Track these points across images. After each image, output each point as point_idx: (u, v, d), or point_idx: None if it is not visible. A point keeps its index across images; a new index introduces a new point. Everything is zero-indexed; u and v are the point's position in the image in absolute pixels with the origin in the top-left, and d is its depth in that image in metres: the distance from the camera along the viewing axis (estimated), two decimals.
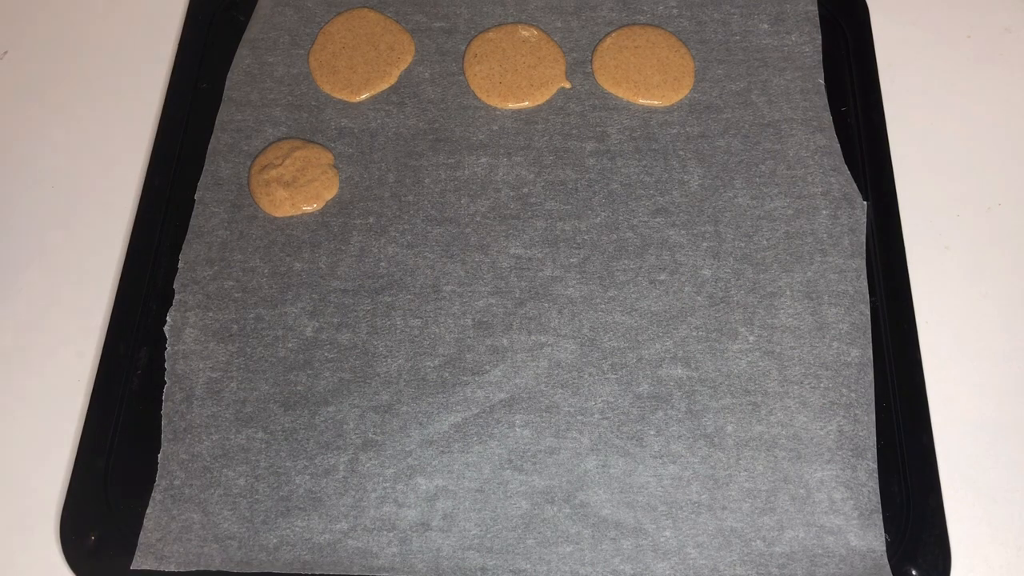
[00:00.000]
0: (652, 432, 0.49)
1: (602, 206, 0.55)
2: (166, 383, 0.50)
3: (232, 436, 0.49)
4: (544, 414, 0.49)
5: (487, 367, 0.51)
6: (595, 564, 0.46)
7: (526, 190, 0.56)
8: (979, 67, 0.63)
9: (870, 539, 0.46)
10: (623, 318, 0.52)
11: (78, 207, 0.57)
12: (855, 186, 0.55)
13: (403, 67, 0.60)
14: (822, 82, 0.59)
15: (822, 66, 0.59)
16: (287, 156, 0.56)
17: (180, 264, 0.53)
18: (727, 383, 0.50)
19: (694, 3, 0.62)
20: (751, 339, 0.51)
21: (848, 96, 0.59)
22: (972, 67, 0.63)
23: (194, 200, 0.55)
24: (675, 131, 0.58)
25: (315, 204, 0.55)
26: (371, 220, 0.55)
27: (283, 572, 0.46)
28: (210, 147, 0.57)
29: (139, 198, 0.56)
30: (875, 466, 0.48)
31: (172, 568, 0.46)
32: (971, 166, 0.59)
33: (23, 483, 0.50)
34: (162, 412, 0.50)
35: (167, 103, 0.59)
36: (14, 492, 0.50)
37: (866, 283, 0.52)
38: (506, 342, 0.51)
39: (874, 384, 0.50)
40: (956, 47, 0.63)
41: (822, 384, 0.50)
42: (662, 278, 0.53)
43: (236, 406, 0.50)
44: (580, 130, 0.58)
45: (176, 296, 0.52)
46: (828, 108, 0.58)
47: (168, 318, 0.52)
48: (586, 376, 0.50)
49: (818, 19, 0.61)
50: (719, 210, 0.55)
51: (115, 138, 0.60)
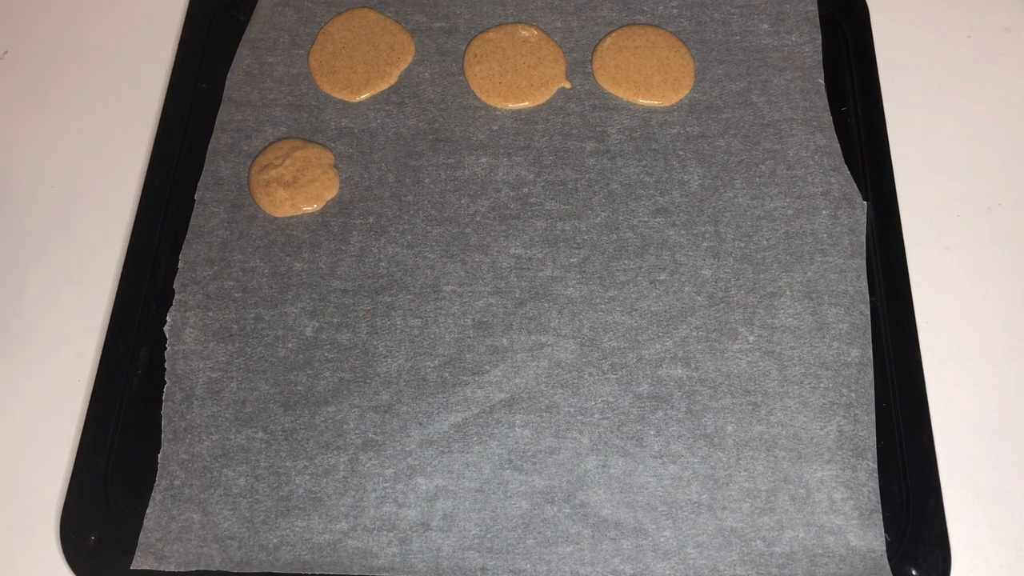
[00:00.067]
0: (652, 432, 0.49)
1: (602, 206, 0.55)
2: (166, 383, 0.50)
3: (232, 436, 0.49)
4: (544, 414, 0.49)
5: (487, 367, 0.51)
6: (595, 564, 0.46)
7: (526, 190, 0.56)
8: (979, 67, 0.63)
9: (870, 539, 0.46)
10: (623, 318, 0.52)
11: (78, 207, 0.57)
12: (855, 186, 0.55)
13: (403, 67, 0.60)
14: (822, 82, 0.59)
15: (822, 66, 0.59)
16: (287, 156, 0.56)
17: (180, 264, 0.53)
18: (727, 383, 0.50)
19: (694, 3, 0.62)
20: (751, 339, 0.51)
21: (848, 96, 0.59)
22: (972, 67, 0.63)
23: (194, 200, 0.55)
24: (675, 131, 0.58)
25: (315, 204, 0.55)
26: (371, 220, 0.55)
27: (283, 572, 0.46)
28: (210, 147, 0.57)
29: (139, 198, 0.56)
30: (875, 466, 0.48)
31: (172, 568, 0.46)
32: (971, 166, 0.59)
33: (23, 483, 0.50)
34: (162, 412, 0.50)
35: (167, 103, 0.59)
36: (14, 492, 0.50)
37: (866, 283, 0.52)
38: (506, 342, 0.51)
39: (874, 384, 0.50)
40: (956, 47, 0.63)
41: (822, 384, 0.50)
42: (662, 278, 0.53)
43: (236, 406, 0.50)
44: (580, 130, 0.58)
45: (176, 296, 0.52)
46: (828, 108, 0.58)
47: (168, 318, 0.52)
48: (586, 376, 0.50)
49: (818, 19, 0.61)
50: (719, 210, 0.55)
51: (115, 138, 0.60)
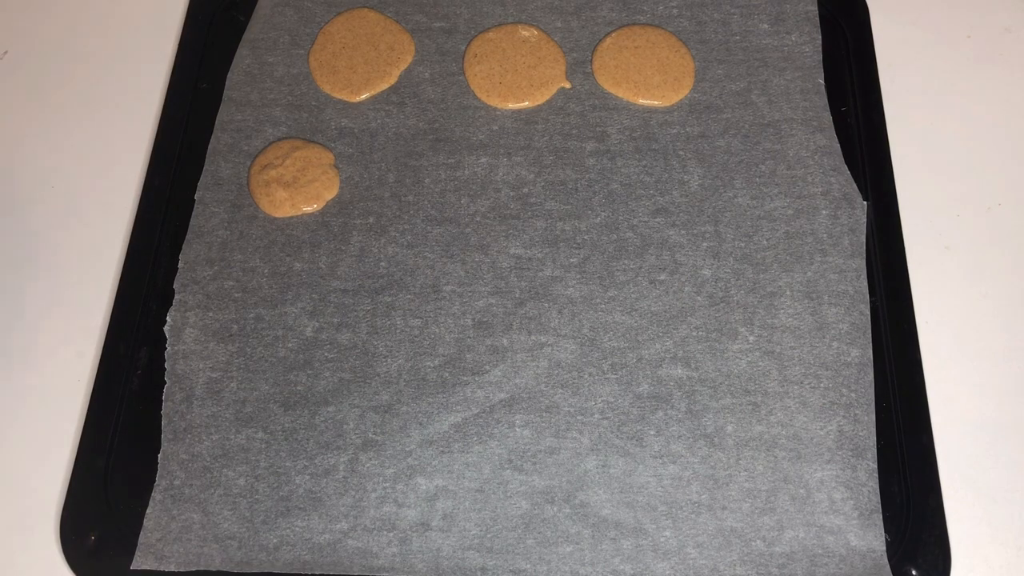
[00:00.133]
0: (652, 432, 0.49)
1: (602, 206, 0.55)
2: (166, 383, 0.50)
3: (232, 436, 0.49)
4: (544, 414, 0.49)
5: (487, 367, 0.51)
6: (595, 564, 0.46)
7: (526, 190, 0.56)
8: (979, 67, 0.63)
9: (870, 539, 0.46)
10: (623, 318, 0.52)
11: (78, 207, 0.57)
12: (855, 186, 0.55)
13: (403, 67, 0.60)
14: (822, 82, 0.59)
15: (822, 66, 0.59)
16: (287, 156, 0.56)
17: (180, 264, 0.53)
18: (727, 383, 0.50)
19: (694, 3, 0.62)
20: (751, 339, 0.51)
21: (848, 96, 0.59)
22: (972, 67, 0.63)
23: (194, 200, 0.55)
24: (675, 131, 0.57)
25: (315, 204, 0.55)
26: (371, 220, 0.55)
27: (283, 572, 0.46)
28: (210, 147, 0.57)
29: (139, 198, 0.56)
30: (875, 466, 0.48)
31: (172, 568, 0.46)
32: (971, 166, 0.59)
33: (23, 483, 0.50)
34: (162, 412, 0.50)
35: (167, 103, 0.59)
36: (14, 492, 0.50)
37: (866, 283, 0.52)
38: (506, 342, 0.51)
39: (874, 384, 0.50)
40: (956, 47, 0.63)
41: (822, 384, 0.50)
42: (662, 278, 0.53)
43: (236, 406, 0.50)
44: (580, 130, 0.58)
45: (176, 296, 0.52)
46: (828, 108, 0.58)
47: (168, 318, 0.52)
48: (586, 376, 0.50)
49: (818, 19, 0.61)
50: (719, 210, 0.55)
51: (115, 138, 0.60)
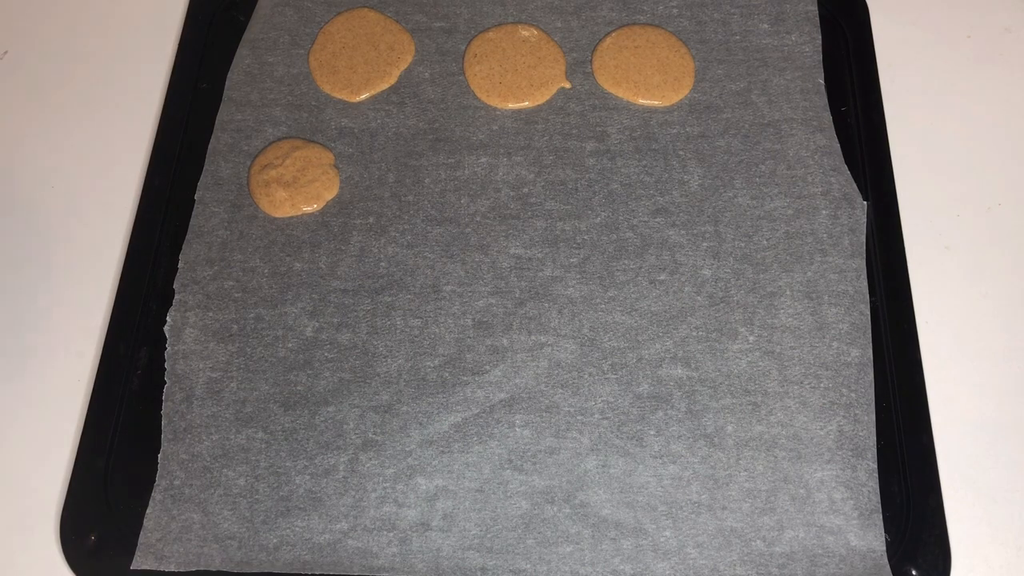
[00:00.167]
0: (652, 432, 0.49)
1: (602, 206, 0.55)
2: (166, 383, 0.50)
3: (232, 436, 0.49)
4: (544, 414, 0.49)
5: (487, 367, 0.51)
6: (595, 564, 0.46)
7: (526, 190, 0.56)
8: (979, 67, 0.63)
9: (870, 539, 0.46)
10: (623, 318, 0.52)
11: (78, 207, 0.57)
12: (855, 186, 0.55)
13: (403, 67, 0.60)
14: (822, 82, 0.59)
15: (822, 66, 0.59)
16: (287, 156, 0.56)
17: (180, 264, 0.53)
18: (727, 383, 0.50)
19: (694, 3, 0.62)
20: (751, 339, 0.51)
21: (848, 96, 0.59)
22: (972, 67, 0.63)
23: (194, 200, 0.55)
24: (675, 131, 0.57)
25: (315, 204, 0.55)
26: (371, 220, 0.55)
27: (283, 572, 0.46)
28: (210, 147, 0.57)
29: (139, 198, 0.56)
30: (875, 466, 0.48)
31: (172, 568, 0.46)
32: (971, 166, 0.59)
33: (23, 483, 0.50)
34: (162, 412, 0.50)
35: (167, 103, 0.59)
36: (14, 492, 0.50)
37: (866, 283, 0.52)
38: (506, 342, 0.51)
39: (874, 384, 0.50)
40: (956, 47, 0.63)
41: (822, 384, 0.50)
42: (662, 278, 0.53)
43: (236, 406, 0.50)
44: (580, 130, 0.58)
45: (176, 296, 0.52)
46: (828, 108, 0.58)
47: (168, 318, 0.52)
48: (586, 376, 0.50)
49: (818, 19, 0.61)
50: (719, 210, 0.55)
51: (115, 138, 0.60)
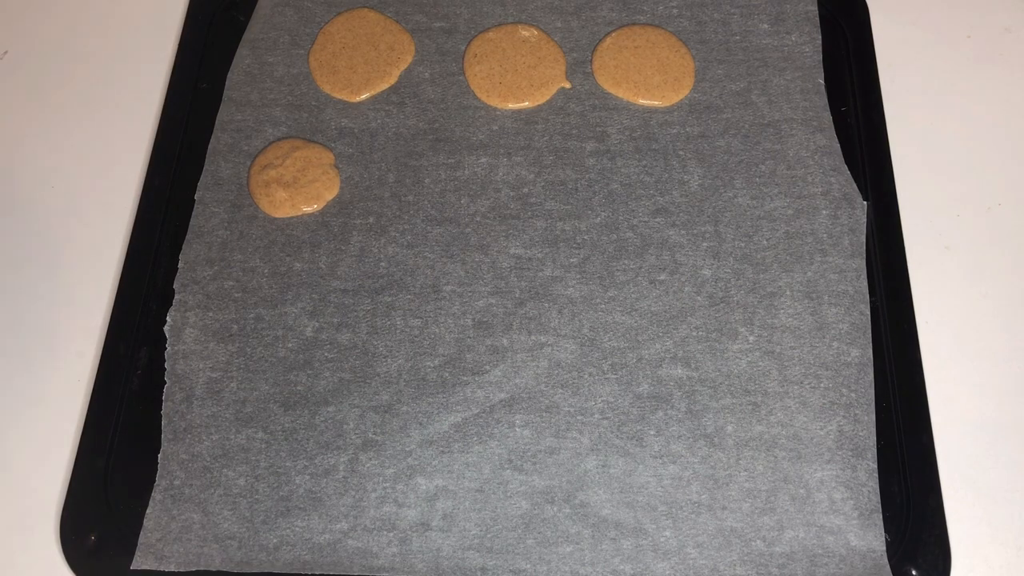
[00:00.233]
0: (652, 432, 0.49)
1: (602, 206, 0.55)
2: (166, 383, 0.50)
3: (232, 436, 0.49)
4: (544, 414, 0.49)
5: (487, 367, 0.51)
6: (595, 564, 0.46)
7: (526, 190, 0.56)
8: (979, 67, 0.63)
9: (870, 539, 0.46)
10: (623, 318, 0.52)
11: (78, 207, 0.57)
12: (855, 186, 0.55)
13: (403, 67, 0.60)
14: (822, 82, 0.59)
15: (822, 66, 0.59)
16: (287, 156, 0.56)
17: (180, 264, 0.53)
18: (727, 383, 0.50)
19: (694, 3, 0.62)
20: (751, 339, 0.51)
21: (848, 96, 0.59)
22: (972, 67, 0.63)
23: (194, 200, 0.55)
24: (675, 131, 0.57)
25: (315, 205, 0.55)
26: (371, 220, 0.55)
27: (283, 572, 0.46)
28: (210, 147, 0.57)
29: (139, 198, 0.56)
30: (875, 466, 0.48)
31: (172, 568, 0.46)
32: (971, 166, 0.59)
33: (23, 483, 0.50)
34: (162, 412, 0.50)
35: (167, 103, 0.59)
36: (14, 492, 0.50)
37: (866, 283, 0.52)
38: (506, 342, 0.51)
39: (874, 384, 0.50)
40: (956, 47, 0.63)
41: (822, 384, 0.50)
42: (662, 278, 0.53)
43: (236, 406, 0.50)
44: (580, 130, 0.58)
45: (176, 296, 0.52)
46: (828, 108, 0.58)
47: (168, 318, 0.52)
48: (586, 376, 0.50)
49: (818, 19, 0.61)
50: (719, 210, 0.55)
51: (115, 138, 0.60)
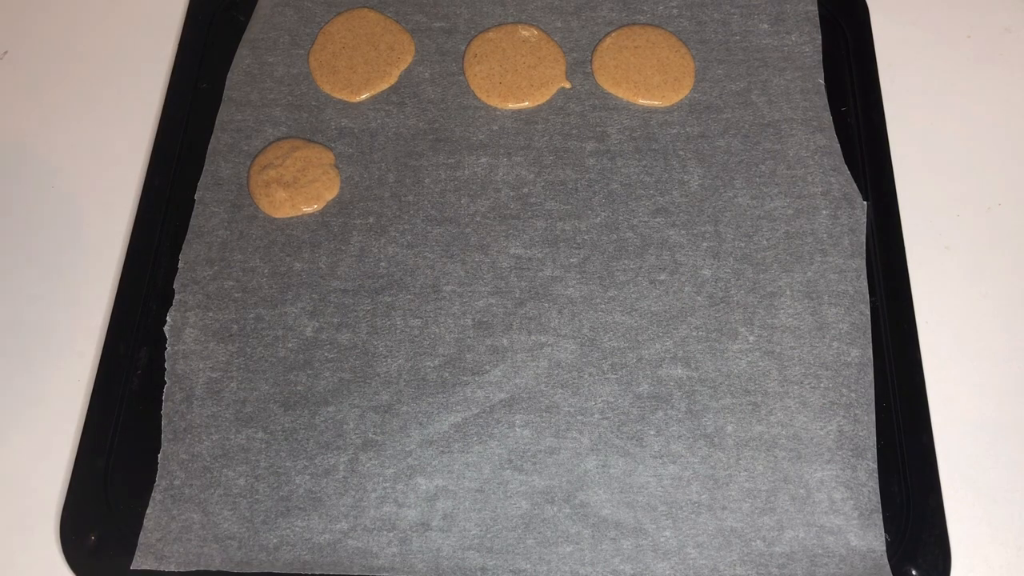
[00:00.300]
0: (652, 432, 0.49)
1: (602, 206, 0.55)
2: (166, 383, 0.50)
3: (232, 436, 0.49)
4: (544, 414, 0.49)
5: (487, 367, 0.51)
6: (595, 564, 0.46)
7: (526, 190, 0.56)
8: (979, 67, 0.63)
9: (870, 539, 0.46)
10: (623, 318, 0.52)
11: (78, 207, 0.57)
12: (855, 186, 0.55)
13: (403, 67, 0.60)
14: (822, 82, 0.59)
15: (822, 66, 0.59)
16: (287, 156, 0.56)
17: (180, 264, 0.53)
18: (727, 383, 0.50)
19: (694, 3, 0.62)
20: (751, 339, 0.51)
21: (848, 96, 0.59)
22: (972, 67, 0.63)
23: (194, 200, 0.55)
24: (675, 131, 0.57)
25: (315, 205, 0.55)
26: (371, 220, 0.55)
27: (283, 572, 0.46)
28: (210, 147, 0.57)
29: (139, 198, 0.56)
30: (875, 466, 0.48)
31: (172, 568, 0.46)
32: (971, 166, 0.59)
33: (23, 483, 0.50)
34: (162, 412, 0.50)
35: (167, 103, 0.59)
36: (14, 492, 0.50)
37: (866, 283, 0.52)
38: (506, 342, 0.51)
39: (874, 384, 0.50)
40: (956, 47, 0.63)
41: (822, 384, 0.50)
42: (662, 278, 0.53)
43: (236, 406, 0.50)
44: (580, 130, 0.58)
45: (176, 296, 0.52)
46: (828, 108, 0.58)
47: (168, 318, 0.52)
48: (586, 376, 0.50)
49: (818, 19, 0.61)
50: (719, 210, 0.55)
51: (115, 138, 0.60)
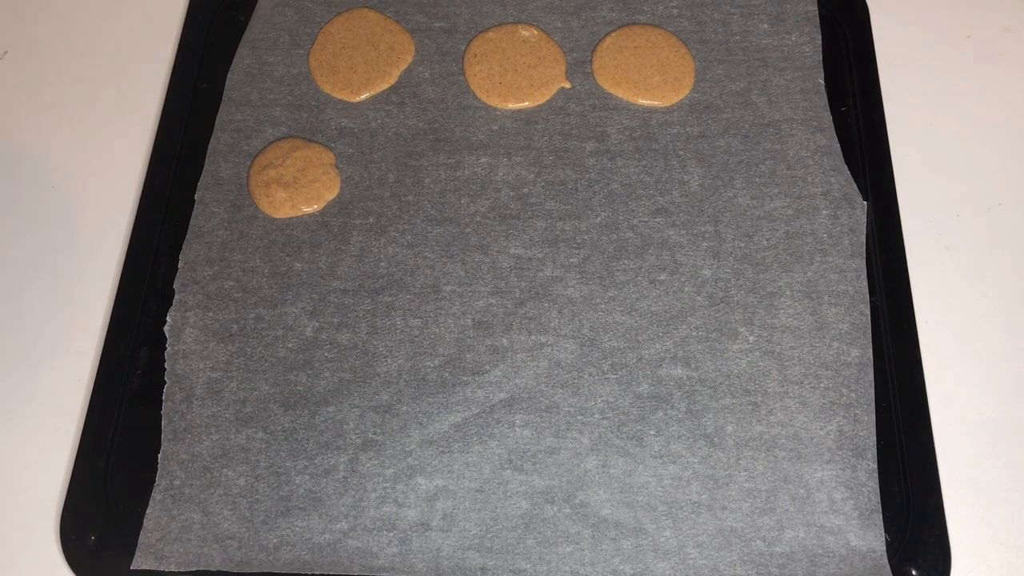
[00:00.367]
0: (652, 432, 0.49)
1: (602, 206, 0.55)
2: (166, 383, 0.50)
3: (232, 436, 0.49)
4: (544, 414, 0.49)
5: (487, 367, 0.51)
6: (595, 564, 0.46)
7: (526, 190, 0.56)
8: (979, 67, 0.63)
9: (870, 539, 0.46)
10: (623, 318, 0.52)
11: (78, 207, 0.57)
12: (855, 186, 0.55)
13: (403, 67, 0.60)
14: (822, 82, 0.59)
15: (822, 66, 0.59)
16: (287, 156, 0.56)
17: (180, 264, 0.53)
18: (727, 383, 0.50)
19: (694, 3, 0.62)
20: (751, 339, 0.51)
21: (848, 96, 0.59)
22: (972, 67, 0.63)
23: (194, 200, 0.55)
24: (675, 131, 0.57)
25: (315, 205, 0.55)
26: (371, 220, 0.55)
27: (283, 572, 0.46)
28: (210, 147, 0.57)
29: (139, 198, 0.56)
30: (875, 466, 0.48)
31: (172, 568, 0.46)
32: (971, 166, 0.59)
33: (23, 483, 0.50)
34: (162, 412, 0.50)
35: (167, 103, 0.59)
36: (14, 492, 0.50)
37: (866, 283, 0.52)
38: (506, 342, 0.51)
39: (874, 384, 0.50)
40: (956, 47, 0.63)
41: (822, 384, 0.50)
42: (662, 278, 0.53)
43: (236, 406, 0.50)
44: (580, 130, 0.58)
45: (176, 296, 0.52)
46: (828, 108, 0.58)
47: (168, 318, 0.52)
48: (586, 376, 0.50)
49: (818, 19, 0.61)
50: (719, 210, 0.55)
51: (115, 138, 0.60)
